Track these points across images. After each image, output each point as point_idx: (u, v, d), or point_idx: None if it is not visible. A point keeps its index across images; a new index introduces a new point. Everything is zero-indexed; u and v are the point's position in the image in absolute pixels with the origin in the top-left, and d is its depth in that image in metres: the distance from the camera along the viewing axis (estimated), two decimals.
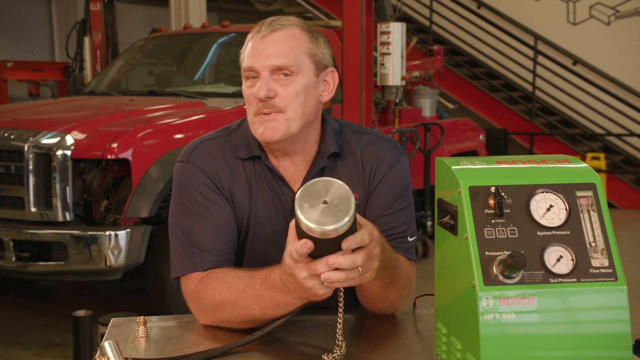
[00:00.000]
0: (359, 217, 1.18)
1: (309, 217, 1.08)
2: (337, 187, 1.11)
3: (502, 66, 9.71)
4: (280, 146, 1.50)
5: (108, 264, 3.77)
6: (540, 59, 9.38)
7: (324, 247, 1.13)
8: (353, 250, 1.16)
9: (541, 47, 9.44)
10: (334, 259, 1.14)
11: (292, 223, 1.17)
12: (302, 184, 1.50)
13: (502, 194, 1.07)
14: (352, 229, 1.13)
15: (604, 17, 9.46)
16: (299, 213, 1.09)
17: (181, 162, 1.54)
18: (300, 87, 1.46)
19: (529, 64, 9.42)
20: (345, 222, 1.09)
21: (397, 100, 5.84)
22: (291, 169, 1.54)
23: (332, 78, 1.55)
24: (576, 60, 9.41)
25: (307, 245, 1.13)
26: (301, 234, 1.13)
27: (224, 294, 1.37)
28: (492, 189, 1.07)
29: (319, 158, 1.54)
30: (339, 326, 1.27)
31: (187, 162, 1.53)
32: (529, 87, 9.53)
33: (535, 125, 9.28)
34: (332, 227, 1.09)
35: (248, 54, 1.48)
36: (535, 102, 9.39)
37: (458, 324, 1.11)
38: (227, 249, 1.49)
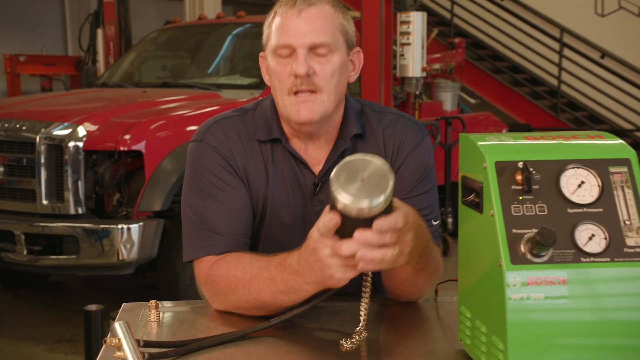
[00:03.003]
0: (397, 201, 1.15)
1: (344, 192, 1.06)
2: (376, 166, 1.08)
3: (527, 60, 9.63)
4: (313, 128, 1.47)
5: (120, 258, 3.78)
6: (567, 52, 9.29)
7: (355, 226, 1.10)
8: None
9: (567, 39, 9.34)
10: (361, 234, 1.10)
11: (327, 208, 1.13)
12: (324, 167, 1.50)
13: (530, 169, 1.04)
14: (387, 210, 1.10)
15: (634, 8, 9.33)
16: (334, 187, 1.07)
17: (195, 141, 1.52)
18: (336, 67, 1.44)
19: (555, 57, 9.33)
20: (380, 200, 1.06)
21: (417, 93, 5.80)
22: (312, 151, 1.52)
23: (358, 58, 1.53)
24: (604, 53, 9.30)
25: (334, 219, 1.10)
26: (334, 210, 1.11)
27: (238, 275, 1.35)
28: (520, 164, 1.05)
29: (340, 140, 1.51)
30: (364, 311, 1.25)
31: (201, 142, 1.51)
32: (555, 82, 9.45)
33: (561, 120, 9.18)
34: (366, 205, 1.06)
35: (280, 30, 1.44)
36: (560, 96, 9.30)
37: (483, 306, 1.08)
38: (242, 233, 1.47)
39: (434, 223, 1.50)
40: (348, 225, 1.11)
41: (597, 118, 9.34)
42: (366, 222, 1.09)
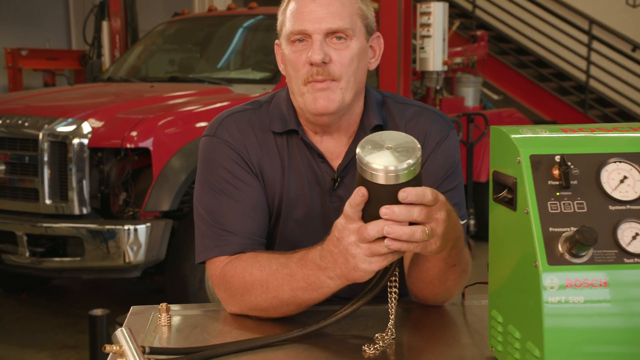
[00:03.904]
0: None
1: (370, 158, 1.09)
2: (402, 136, 1.12)
3: (553, 53, 9.57)
4: (330, 119, 1.46)
5: (126, 260, 3.78)
6: (596, 44, 9.22)
7: (381, 200, 1.10)
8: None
9: (596, 31, 9.27)
10: (388, 208, 1.09)
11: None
12: (343, 161, 1.49)
13: (569, 163, 1.02)
14: (416, 181, 1.11)
15: None
16: (360, 156, 1.09)
17: (207, 136, 1.51)
18: (355, 53, 1.43)
19: (583, 51, 9.26)
20: (409, 164, 1.08)
21: (437, 88, 5.78)
22: (331, 144, 1.51)
23: (378, 44, 1.52)
24: (636, 46, 9.22)
25: (360, 192, 1.11)
26: (360, 181, 1.12)
27: (255, 274, 1.33)
28: (557, 158, 1.03)
29: (361, 132, 1.50)
30: (392, 312, 1.23)
31: (213, 137, 1.50)
32: (583, 76, 9.38)
33: (589, 117, 9.11)
34: (393, 167, 1.08)
35: (295, 15, 1.43)
36: (589, 92, 9.23)
37: (517, 310, 1.06)
38: (257, 232, 1.45)
39: (462, 222, 1.46)
40: (375, 203, 1.11)
41: (627, 115, 9.26)
42: (392, 192, 1.10)
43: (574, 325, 0.97)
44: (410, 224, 1.12)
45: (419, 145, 1.11)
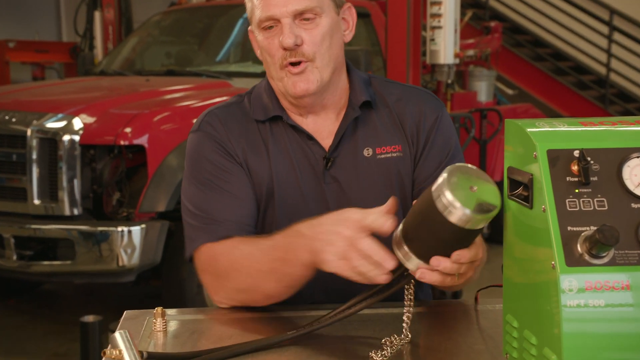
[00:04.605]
0: None
1: (455, 193, 1.08)
2: (487, 179, 1.12)
3: (571, 45, 9.55)
4: (312, 99, 1.53)
5: (120, 264, 3.78)
6: (617, 36, 9.20)
7: (433, 229, 1.12)
8: None
9: (617, 22, 9.25)
10: (438, 260, 1.14)
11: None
12: (335, 139, 1.55)
13: (588, 158, 1.02)
14: (477, 233, 1.13)
15: None
16: (446, 181, 1.09)
17: (192, 132, 1.59)
18: (326, 30, 1.50)
19: (603, 43, 9.24)
20: (490, 215, 1.09)
21: (448, 82, 5.77)
22: (318, 124, 1.58)
23: (350, 15, 1.59)
24: None
25: (392, 201, 1.19)
26: (427, 202, 1.12)
27: (242, 248, 1.39)
28: (576, 153, 1.02)
29: (350, 109, 1.57)
30: (406, 321, 1.25)
31: (197, 132, 1.58)
32: (603, 70, 9.36)
33: (610, 113, 9.09)
34: (470, 215, 1.08)
35: (261, 1, 1.50)
36: (609, 86, 9.21)
37: (533, 314, 1.06)
38: (245, 219, 1.51)
39: None
40: (424, 226, 1.13)
41: None
42: (450, 233, 1.11)
43: (594, 331, 0.97)
44: None
45: (500, 203, 1.11)
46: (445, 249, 1.14)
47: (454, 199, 1.08)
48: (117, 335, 1.11)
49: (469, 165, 1.14)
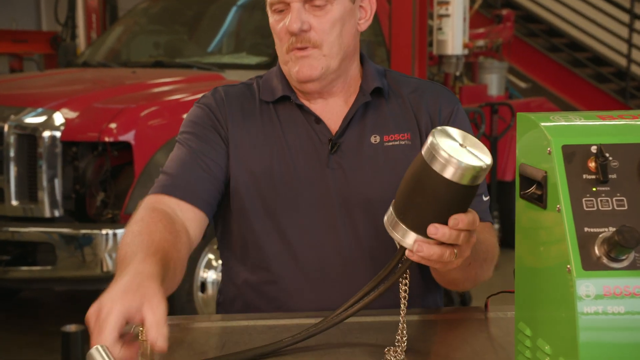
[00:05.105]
0: None
1: (445, 146, 1.12)
2: (473, 136, 1.17)
3: (589, 35, 9.57)
4: (316, 86, 1.57)
5: (104, 269, 3.79)
6: (638, 25, 9.22)
7: (428, 191, 1.14)
8: None
9: (639, 10, 9.26)
10: (435, 227, 1.14)
11: None
12: (342, 124, 1.59)
13: (607, 154, 1.02)
14: (473, 190, 1.15)
15: None
16: (435, 140, 1.12)
17: (194, 105, 1.67)
18: (337, 17, 1.53)
19: (624, 32, 9.26)
20: (486, 166, 1.11)
21: (457, 74, 5.79)
22: (327, 109, 1.62)
23: (368, 3, 1.62)
24: None
25: None
26: (420, 168, 1.14)
27: (134, 234, 1.46)
28: (593, 149, 1.03)
29: (360, 95, 1.61)
30: (401, 327, 1.24)
31: (197, 103, 1.66)
32: (623, 61, 9.38)
33: (630, 108, 9.11)
34: (478, 164, 1.10)
35: None
36: (630, 79, 9.24)
37: (547, 323, 1.06)
38: (198, 187, 1.54)
39: (484, 199, 1.59)
40: (420, 190, 1.15)
41: None
42: (448, 192, 1.13)
43: (612, 340, 0.97)
44: None
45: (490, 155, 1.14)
46: (442, 215, 1.15)
47: (447, 154, 1.11)
48: (94, 350, 1.11)
49: (451, 127, 1.18)
